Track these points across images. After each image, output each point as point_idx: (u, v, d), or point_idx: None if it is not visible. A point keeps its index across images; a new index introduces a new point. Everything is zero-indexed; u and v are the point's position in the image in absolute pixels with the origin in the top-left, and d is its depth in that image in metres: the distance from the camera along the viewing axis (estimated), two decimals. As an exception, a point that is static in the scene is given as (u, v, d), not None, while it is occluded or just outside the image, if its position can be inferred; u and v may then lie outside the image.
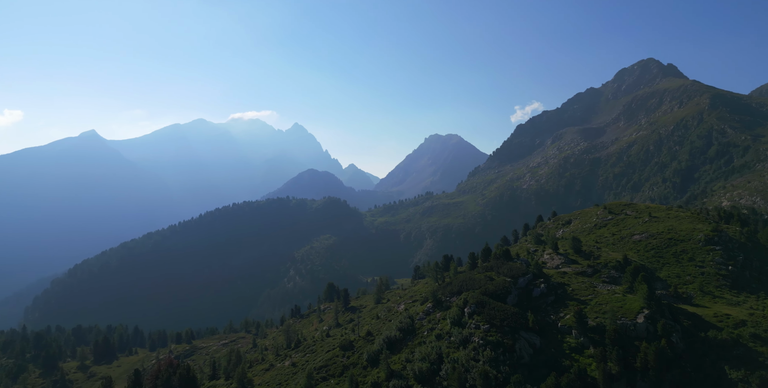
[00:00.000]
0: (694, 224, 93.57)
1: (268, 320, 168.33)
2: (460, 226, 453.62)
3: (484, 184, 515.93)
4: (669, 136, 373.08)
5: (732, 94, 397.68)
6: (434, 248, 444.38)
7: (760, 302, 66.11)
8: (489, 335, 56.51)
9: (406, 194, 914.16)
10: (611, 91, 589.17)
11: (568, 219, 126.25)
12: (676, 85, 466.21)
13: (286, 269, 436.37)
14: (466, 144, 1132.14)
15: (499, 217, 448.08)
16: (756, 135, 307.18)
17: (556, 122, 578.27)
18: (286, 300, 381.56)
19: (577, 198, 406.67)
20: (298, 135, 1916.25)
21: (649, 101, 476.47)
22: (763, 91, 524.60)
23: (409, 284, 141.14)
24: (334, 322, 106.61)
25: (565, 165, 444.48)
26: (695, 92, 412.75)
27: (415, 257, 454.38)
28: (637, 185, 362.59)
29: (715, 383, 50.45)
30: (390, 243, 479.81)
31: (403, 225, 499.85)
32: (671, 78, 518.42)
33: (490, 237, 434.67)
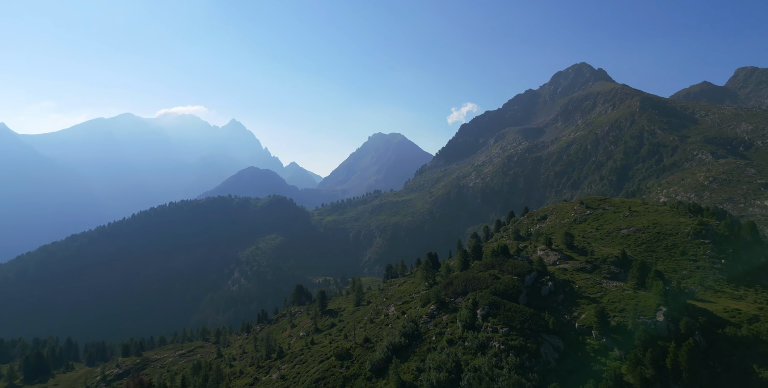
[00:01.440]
0: (677, 217, 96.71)
1: (224, 327, 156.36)
2: (410, 224, 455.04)
3: (432, 183, 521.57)
4: (605, 136, 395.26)
5: (658, 98, 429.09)
6: (384, 247, 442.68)
7: (760, 295, 67.28)
8: (510, 339, 52.87)
9: (350, 192, 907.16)
10: (548, 93, 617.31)
11: (543, 214, 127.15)
12: (607, 89, 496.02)
13: (231, 271, 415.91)
14: (409, 143, 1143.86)
15: (447, 214, 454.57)
16: (682, 136, 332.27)
17: (498, 122, 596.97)
18: (231, 304, 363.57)
19: (521, 196, 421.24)
20: (235, 132, 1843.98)
21: (584, 103, 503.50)
22: (680, 95, 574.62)
23: (380, 284, 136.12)
24: (312, 327, 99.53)
25: (508, 164, 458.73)
26: (626, 95, 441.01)
27: (365, 255, 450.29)
28: (577, 183, 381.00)
29: (745, 384, 48.81)
30: (339, 242, 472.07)
31: (352, 224, 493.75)
32: (603, 82, 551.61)
33: (440, 235, 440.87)
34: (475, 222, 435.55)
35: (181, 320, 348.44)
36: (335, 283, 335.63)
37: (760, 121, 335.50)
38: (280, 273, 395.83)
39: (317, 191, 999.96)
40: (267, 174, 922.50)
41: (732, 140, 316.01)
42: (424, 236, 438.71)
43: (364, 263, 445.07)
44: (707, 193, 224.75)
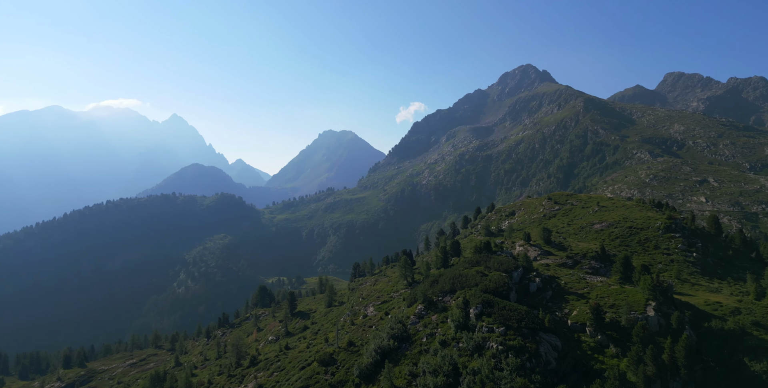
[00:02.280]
0: (644, 212, 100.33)
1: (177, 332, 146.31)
2: (364, 221, 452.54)
3: (385, 180, 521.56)
4: (551, 135, 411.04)
5: (599, 99, 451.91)
6: (339, 245, 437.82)
7: (734, 288, 70.29)
8: (508, 339, 50.98)
9: (301, 190, 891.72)
10: (497, 93, 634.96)
11: (512, 210, 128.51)
12: (552, 90, 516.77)
13: (176, 273, 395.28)
14: (360, 141, 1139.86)
15: (401, 212, 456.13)
16: (623, 136, 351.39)
17: (449, 121, 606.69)
18: (177, 307, 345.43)
19: (473, 193, 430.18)
20: (176, 127, 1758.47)
21: (530, 103, 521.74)
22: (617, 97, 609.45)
23: (349, 283, 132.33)
24: (282, 331, 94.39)
25: (460, 162, 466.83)
26: (570, 96, 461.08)
27: (318, 254, 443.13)
28: (526, 181, 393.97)
29: (738, 377, 48.99)
30: (292, 241, 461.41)
31: (305, 222, 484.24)
32: (548, 83, 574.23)
33: (394, 232, 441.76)
34: (429, 219, 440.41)
35: (121, 326, 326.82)
36: (290, 283, 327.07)
37: (690, 123, 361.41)
38: (230, 274, 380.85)
39: (266, 189, 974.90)
40: (212, 171, 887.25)
41: (666, 140, 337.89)
42: (379, 234, 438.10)
43: (317, 262, 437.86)
44: (649, 189, 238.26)
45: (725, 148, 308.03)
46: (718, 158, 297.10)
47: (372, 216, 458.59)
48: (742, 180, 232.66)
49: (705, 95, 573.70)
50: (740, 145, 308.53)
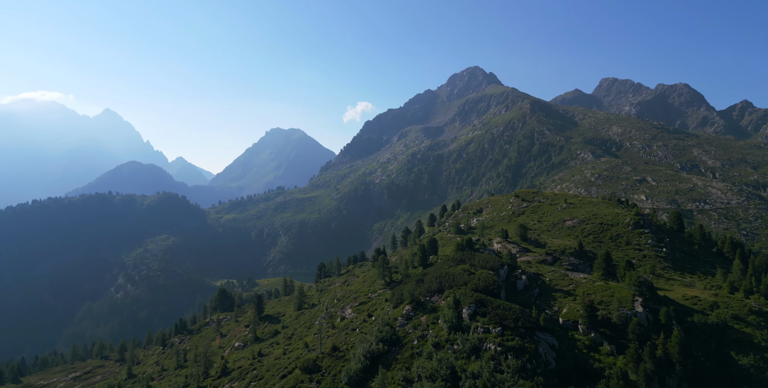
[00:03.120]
0: (611, 208, 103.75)
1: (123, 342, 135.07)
2: (316, 221, 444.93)
3: (338, 179, 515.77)
4: (500, 136, 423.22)
5: (544, 102, 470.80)
6: (290, 245, 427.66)
7: (705, 282, 73.30)
8: (506, 340, 49.47)
9: (248, 189, 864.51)
10: (446, 94, 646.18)
11: (478, 208, 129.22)
12: (499, 91, 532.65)
13: (113, 277, 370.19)
14: (309, 139, 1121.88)
15: (354, 211, 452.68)
16: (567, 137, 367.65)
17: (400, 120, 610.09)
18: (115, 313, 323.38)
19: (426, 192, 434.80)
20: (110, 122, 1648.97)
21: (479, 104, 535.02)
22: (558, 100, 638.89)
23: (315, 284, 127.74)
24: (250, 336, 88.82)
25: (412, 161, 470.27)
26: (517, 98, 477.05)
27: (269, 255, 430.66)
28: (476, 180, 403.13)
29: (727, 371, 49.28)
30: (240, 242, 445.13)
31: (254, 222, 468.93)
32: (494, 85, 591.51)
33: (348, 231, 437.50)
34: (382, 218, 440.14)
35: (51, 336, 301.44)
36: (240, 285, 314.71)
37: (626, 125, 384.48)
38: (174, 277, 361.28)
39: (210, 188, 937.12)
40: (151, 169, 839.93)
41: (606, 141, 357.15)
42: (332, 234, 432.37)
43: (268, 263, 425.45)
44: (594, 188, 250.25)
45: (658, 149, 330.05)
46: (653, 159, 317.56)
47: (324, 215, 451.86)
48: (676, 179, 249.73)
49: (636, 100, 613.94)
50: (671, 146, 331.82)
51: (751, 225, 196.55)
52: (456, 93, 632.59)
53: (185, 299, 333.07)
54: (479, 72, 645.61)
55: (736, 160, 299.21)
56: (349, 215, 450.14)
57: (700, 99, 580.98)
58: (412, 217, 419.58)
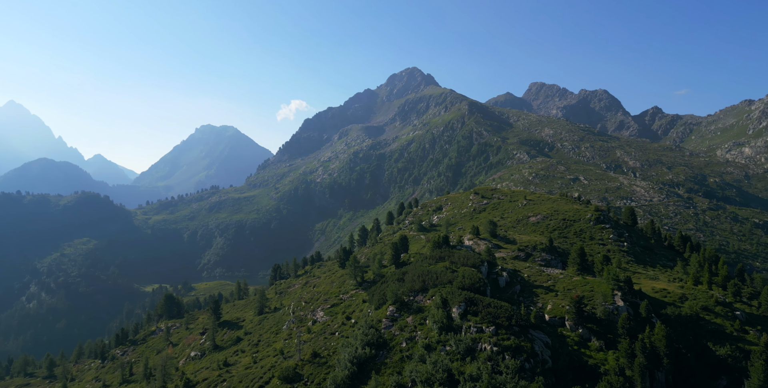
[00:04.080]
0: (570, 205, 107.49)
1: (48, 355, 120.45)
2: (255, 221, 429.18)
3: (277, 178, 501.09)
4: (440, 136, 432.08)
5: (481, 103, 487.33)
6: (227, 247, 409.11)
7: (666, 274, 76.93)
8: (502, 339, 47.62)
9: (177, 189, 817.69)
10: (386, 94, 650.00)
11: (438, 205, 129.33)
12: (438, 93, 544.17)
13: (24, 285, 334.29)
14: (243, 137, 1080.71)
15: (295, 211, 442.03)
16: (503, 137, 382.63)
17: (340, 119, 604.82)
18: (27, 325, 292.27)
19: (368, 191, 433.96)
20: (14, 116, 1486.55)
21: (418, 105, 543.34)
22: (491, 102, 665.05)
23: (274, 287, 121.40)
24: (209, 344, 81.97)
25: (354, 160, 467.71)
26: (455, 99, 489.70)
27: (204, 258, 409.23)
28: (418, 179, 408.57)
29: (706, 363, 50.10)
30: (171, 245, 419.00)
31: (187, 223, 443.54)
32: (433, 86, 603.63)
33: (288, 232, 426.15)
34: (324, 218, 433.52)
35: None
36: (175, 290, 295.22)
37: (557, 128, 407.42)
38: (96, 283, 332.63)
39: (134, 188, 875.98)
40: (66, 167, 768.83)
41: (539, 142, 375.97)
42: (272, 234, 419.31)
43: (203, 266, 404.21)
44: (532, 186, 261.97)
45: (586, 150, 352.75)
46: (582, 159, 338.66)
47: (263, 215, 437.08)
48: (605, 178, 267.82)
49: (562, 104, 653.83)
50: (597, 148, 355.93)
51: (671, 220, 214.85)
52: (395, 93, 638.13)
53: (111, 306, 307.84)
54: (418, 73, 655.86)
55: (653, 161, 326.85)
56: (289, 215, 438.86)
57: (617, 104, 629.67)
58: (355, 216, 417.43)
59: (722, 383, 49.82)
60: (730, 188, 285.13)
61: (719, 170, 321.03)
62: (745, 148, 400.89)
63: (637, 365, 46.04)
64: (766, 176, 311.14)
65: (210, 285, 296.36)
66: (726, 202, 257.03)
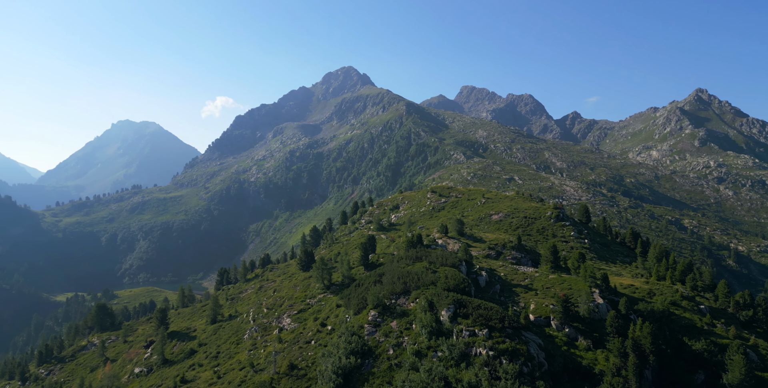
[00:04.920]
0: (527, 202, 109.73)
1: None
2: (183, 223, 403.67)
3: (207, 177, 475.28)
4: (379, 136, 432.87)
5: (417, 104, 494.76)
6: (151, 251, 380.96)
7: (628, 270, 79.82)
8: (497, 343, 45.81)
9: (91, 188, 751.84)
10: (321, 92, 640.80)
11: (394, 204, 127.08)
12: (375, 92, 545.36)
13: None
14: (166, 134, 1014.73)
15: (227, 211, 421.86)
16: (441, 138, 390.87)
17: (275, 116, 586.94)
18: None
19: (305, 190, 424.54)
20: None
21: (355, 104, 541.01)
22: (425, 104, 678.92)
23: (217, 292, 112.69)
24: (157, 358, 73.43)
25: (291, 159, 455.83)
26: (393, 100, 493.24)
27: (125, 263, 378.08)
28: (357, 178, 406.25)
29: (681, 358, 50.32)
30: (87, 249, 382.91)
31: (105, 226, 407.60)
32: (369, 86, 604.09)
33: (220, 233, 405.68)
34: (258, 218, 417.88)
35: None
36: (94, 299, 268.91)
37: (490, 129, 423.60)
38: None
39: (40, 188, 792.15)
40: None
41: (474, 143, 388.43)
42: (202, 236, 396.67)
43: (124, 271, 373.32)
44: (471, 186, 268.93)
45: (518, 151, 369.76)
46: (514, 160, 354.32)
47: (192, 217, 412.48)
48: (537, 178, 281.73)
49: (491, 107, 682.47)
50: (527, 149, 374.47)
51: (598, 218, 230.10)
52: (332, 92, 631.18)
53: (16, 319, 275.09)
54: (354, 72, 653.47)
55: (577, 162, 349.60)
56: (221, 216, 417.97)
57: (541, 109, 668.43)
58: (292, 217, 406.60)
59: (700, 378, 50.32)
60: (643, 188, 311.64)
61: (633, 171, 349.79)
62: (653, 151, 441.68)
63: (632, 365, 45.83)
64: (672, 177, 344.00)
65: (136, 292, 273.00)
66: (641, 200, 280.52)
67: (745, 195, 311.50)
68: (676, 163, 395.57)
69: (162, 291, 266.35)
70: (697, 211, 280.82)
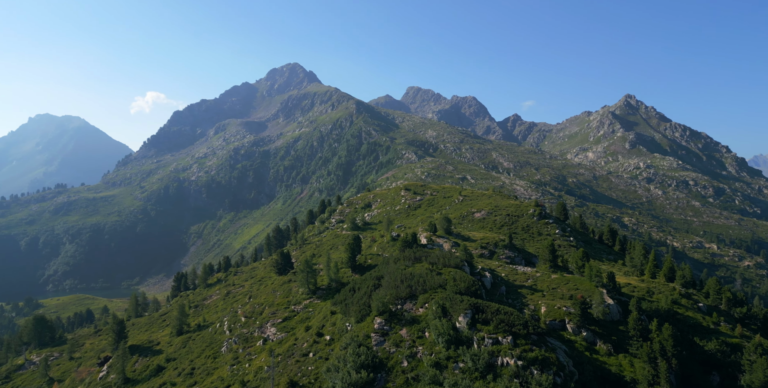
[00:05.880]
0: (505, 200, 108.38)
1: None
2: (116, 224, 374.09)
3: (142, 176, 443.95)
4: (329, 134, 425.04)
5: (367, 103, 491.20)
6: (79, 255, 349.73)
7: (617, 268, 79.03)
8: (525, 351, 42.10)
9: (4, 188, 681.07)
10: (266, 89, 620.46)
11: (366, 202, 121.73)
12: (323, 90, 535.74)
13: None
14: (93, 129, 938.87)
15: (165, 212, 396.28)
16: (392, 137, 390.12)
17: (216, 112, 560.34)
18: None
19: (251, 190, 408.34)
20: None
21: (303, 102, 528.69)
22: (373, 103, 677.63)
23: (174, 299, 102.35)
24: (117, 377, 63.70)
25: (235, 157, 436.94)
26: (342, 98, 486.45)
27: (49, 268, 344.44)
28: (306, 177, 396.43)
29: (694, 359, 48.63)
30: (3, 254, 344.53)
31: (24, 228, 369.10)
32: (316, 83, 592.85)
33: (158, 235, 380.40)
34: (201, 219, 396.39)
35: None
36: (15, 309, 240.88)
37: (439, 130, 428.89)
38: None
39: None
40: None
41: (424, 143, 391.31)
42: (139, 239, 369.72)
43: (47, 278, 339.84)
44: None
45: (467, 151, 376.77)
46: (463, 160, 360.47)
47: (127, 218, 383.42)
48: (489, 178, 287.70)
49: (437, 108, 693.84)
50: (476, 150, 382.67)
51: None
52: (277, 88, 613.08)
53: None
54: (300, 69, 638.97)
55: (523, 163, 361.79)
56: (159, 217, 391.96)
57: (484, 111, 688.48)
58: (237, 217, 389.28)
59: (715, 380, 48.39)
60: (584, 188, 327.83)
61: (574, 172, 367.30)
62: (588, 153, 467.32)
63: (664, 372, 43.30)
64: (609, 177, 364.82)
65: (65, 300, 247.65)
66: (584, 199, 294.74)
67: (672, 194, 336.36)
68: (610, 164, 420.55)
69: (95, 299, 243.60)
70: (634, 209, 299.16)
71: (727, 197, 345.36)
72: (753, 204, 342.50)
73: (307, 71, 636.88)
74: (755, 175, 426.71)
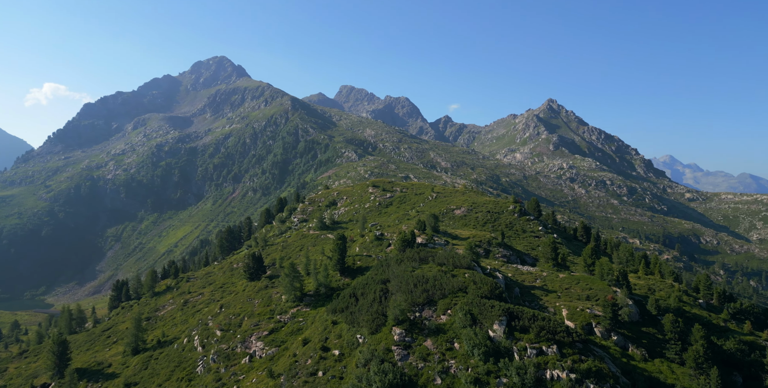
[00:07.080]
0: (480, 196, 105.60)
1: None
2: (17, 228, 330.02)
3: (48, 174, 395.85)
4: (262, 131, 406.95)
5: (302, 100, 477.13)
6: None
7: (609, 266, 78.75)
8: (575, 362, 38.76)
9: None
10: (190, 82, 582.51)
11: (331, 200, 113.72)
12: (254, 85, 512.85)
13: None
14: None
15: (77, 213, 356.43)
16: (330, 135, 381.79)
17: (134, 106, 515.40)
18: None
19: (177, 189, 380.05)
20: None
21: (232, 97, 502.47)
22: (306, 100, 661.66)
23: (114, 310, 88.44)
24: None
25: (158, 153, 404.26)
26: (275, 94, 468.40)
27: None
28: (239, 176, 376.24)
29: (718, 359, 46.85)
30: None
31: None
32: (246, 78, 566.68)
33: (69, 240, 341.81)
34: (119, 221, 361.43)
35: None
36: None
37: (377, 129, 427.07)
38: None
39: None
40: None
41: (363, 142, 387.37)
42: (45, 243, 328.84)
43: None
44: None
45: (405, 151, 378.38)
46: (402, 159, 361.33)
47: (30, 220, 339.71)
48: (431, 177, 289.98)
49: (371, 108, 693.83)
50: (414, 149, 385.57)
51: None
52: (203, 82, 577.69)
53: None
54: (227, 63, 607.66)
55: (459, 162, 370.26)
56: (69, 219, 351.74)
57: (417, 111, 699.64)
58: (161, 218, 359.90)
59: (738, 381, 46.81)
60: (517, 186, 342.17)
61: (506, 172, 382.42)
62: (516, 154, 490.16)
63: (715, 378, 41.23)
64: (537, 177, 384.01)
65: None
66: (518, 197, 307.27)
67: (593, 193, 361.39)
68: (536, 164, 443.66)
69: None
70: (563, 207, 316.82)
71: (639, 195, 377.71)
72: (660, 202, 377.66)
73: (235, 65, 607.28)
74: (660, 175, 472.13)
